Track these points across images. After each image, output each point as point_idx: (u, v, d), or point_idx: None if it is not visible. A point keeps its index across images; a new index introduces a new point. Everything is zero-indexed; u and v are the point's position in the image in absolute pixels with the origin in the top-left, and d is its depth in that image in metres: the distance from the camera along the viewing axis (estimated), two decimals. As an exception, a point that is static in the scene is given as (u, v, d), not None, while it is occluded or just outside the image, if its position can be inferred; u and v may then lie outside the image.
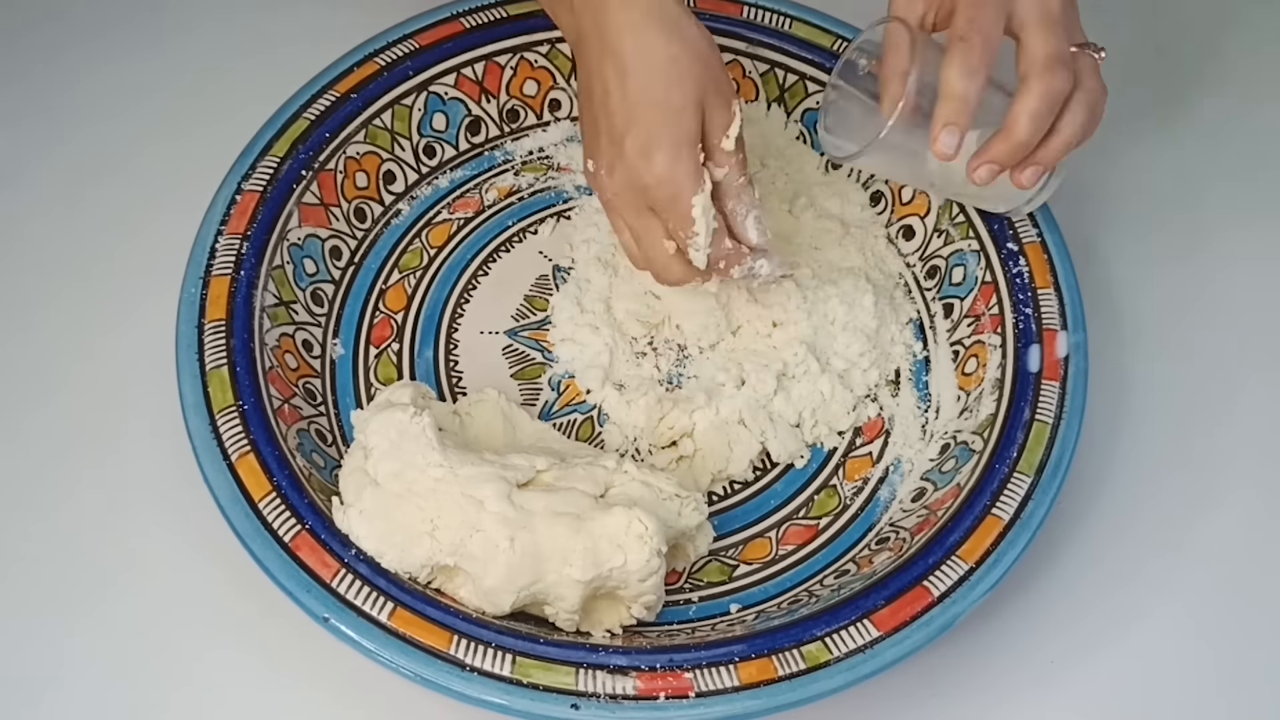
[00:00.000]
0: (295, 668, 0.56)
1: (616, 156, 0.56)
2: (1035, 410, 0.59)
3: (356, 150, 0.67)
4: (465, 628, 0.50)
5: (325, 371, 0.63)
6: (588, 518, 0.53)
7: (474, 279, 0.68)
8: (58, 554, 0.59)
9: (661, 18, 0.55)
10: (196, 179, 0.64)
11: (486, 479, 0.52)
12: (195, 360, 0.57)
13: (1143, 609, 0.60)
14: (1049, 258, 0.64)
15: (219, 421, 0.55)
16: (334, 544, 0.52)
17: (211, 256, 0.60)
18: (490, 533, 0.52)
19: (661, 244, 0.58)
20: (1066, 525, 0.62)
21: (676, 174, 0.56)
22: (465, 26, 0.71)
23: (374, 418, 0.54)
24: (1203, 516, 0.64)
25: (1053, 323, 0.62)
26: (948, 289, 0.67)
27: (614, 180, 0.57)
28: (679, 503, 0.56)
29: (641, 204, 0.57)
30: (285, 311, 0.62)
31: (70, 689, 0.55)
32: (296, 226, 0.64)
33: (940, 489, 0.59)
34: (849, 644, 0.51)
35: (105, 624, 0.57)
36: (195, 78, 0.78)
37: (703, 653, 0.50)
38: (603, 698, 0.48)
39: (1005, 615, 0.59)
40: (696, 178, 0.56)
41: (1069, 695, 0.58)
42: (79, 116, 0.76)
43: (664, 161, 0.56)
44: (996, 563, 0.54)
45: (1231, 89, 0.73)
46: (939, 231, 0.68)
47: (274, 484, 0.53)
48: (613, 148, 0.56)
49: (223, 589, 0.58)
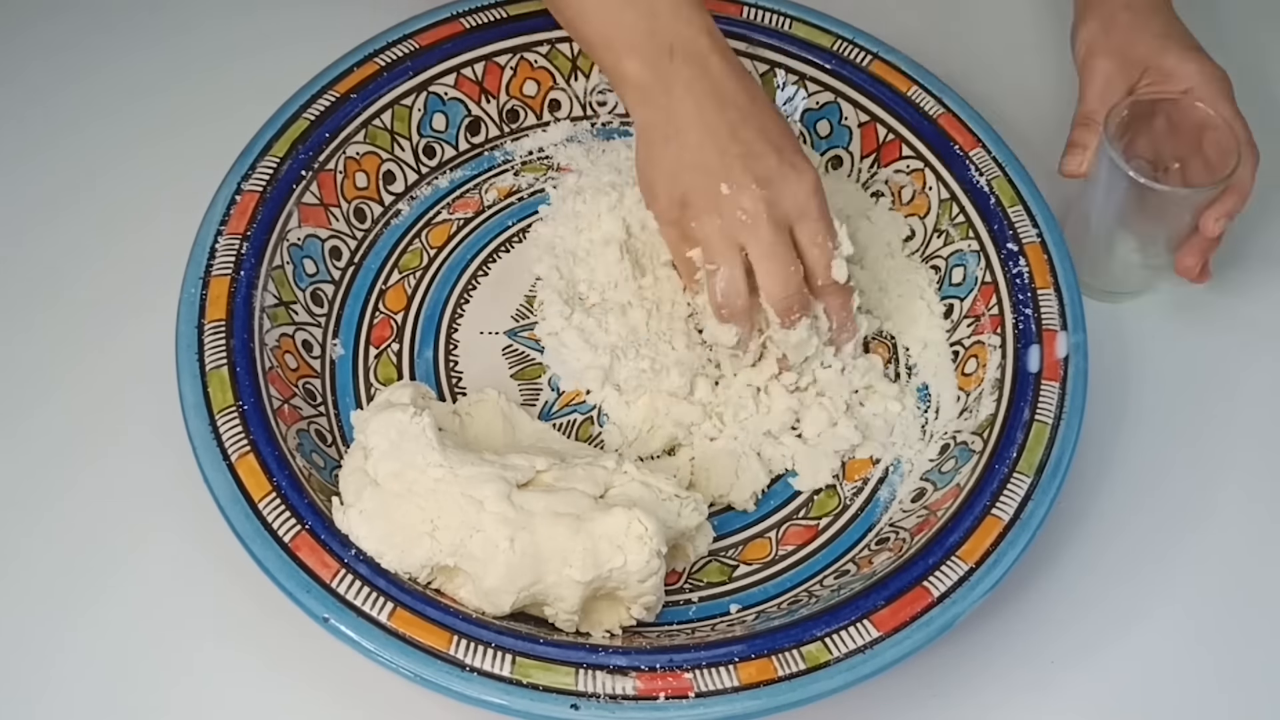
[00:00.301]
0: (295, 668, 0.56)
1: (772, 169, 0.57)
2: (1035, 410, 0.59)
3: (356, 150, 0.67)
4: (465, 628, 0.50)
5: (325, 372, 0.63)
6: (587, 518, 0.53)
7: (474, 279, 0.68)
8: (57, 553, 0.59)
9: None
10: (196, 179, 0.64)
11: (486, 479, 0.52)
12: (195, 360, 0.57)
13: (1143, 609, 0.60)
14: (1049, 258, 0.64)
15: (219, 422, 0.55)
16: (334, 544, 0.52)
17: (211, 257, 0.60)
18: (490, 533, 0.52)
19: (793, 265, 0.58)
20: (1066, 525, 0.62)
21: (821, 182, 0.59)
22: (465, 27, 0.71)
23: (374, 418, 0.54)
24: (1203, 516, 0.64)
25: (1052, 323, 0.62)
26: (948, 289, 0.67)
27: (764, 192, 0.57)
28: (679, 503, 0.56)
29: (781, 221, 0.58)
30: (285, 312, 0.62)
31: (69, 688, 0.55)
32: (296, 227, 0.64)
33: (940, 489, 0.59)
34: (849, 644, 0.51)
35: (104, 624, 0.57)
36: (195, 78, 0.78)
37: (702, 653, 0.50)
38: (602, 698, 0.48)
39: (1005, 615, 0.59)
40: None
41: (1069, 695, 0.58)
42: (79, 116, 0.76)
43: (811, 167, 0.59)
44: (996, 563, 0.54)
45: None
46: (939, 232, 0.68)
47: (274, 484, 0.53)
48: (764, 159, 0.57)
49: (222, 589, 0.58)
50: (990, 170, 0.67)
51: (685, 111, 0.58)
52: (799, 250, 0.59)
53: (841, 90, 0.72)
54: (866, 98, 0.71)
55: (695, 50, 0.58)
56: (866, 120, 0.71)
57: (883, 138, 0.71)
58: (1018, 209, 0.66)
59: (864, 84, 0.71)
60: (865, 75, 0.71)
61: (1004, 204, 0.66)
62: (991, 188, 0.67)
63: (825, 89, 0.72)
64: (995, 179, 0.67)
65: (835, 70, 0.72)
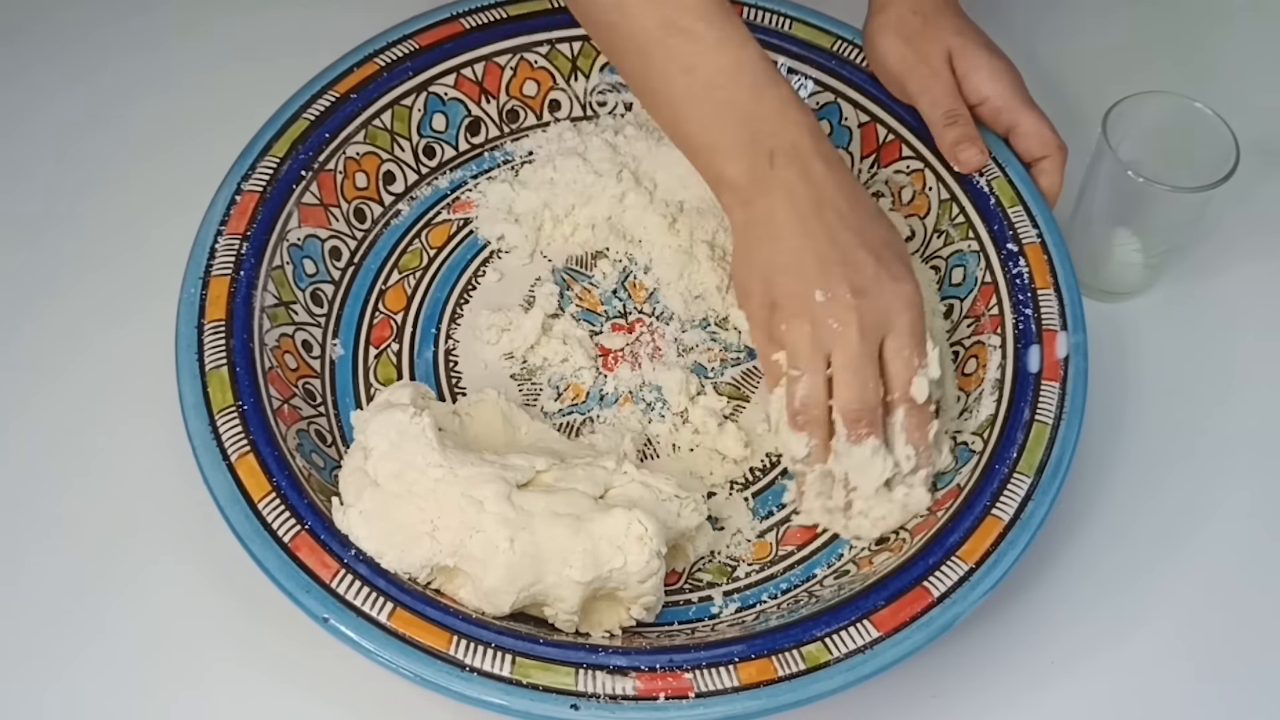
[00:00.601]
0: (294, 668, 0.56)
1: (869, 278, 0.56)
2: (1035, 411, 0.59)
3: (356, 151, 0.67)
4: (465, 628, 0.50)
5: (325, 372, 0.63)
6: (587, 519, 0.53)
7: (474, 279, 0.68)
8: (56, 553, 0.59)
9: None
10: (196, 179, 0.64)
11: (486, 479, 0.52)
12: (195, 360, 0.57)
13: (1143, 609, 0.60)
14: (1049, 258, 0.64)
15: (218, 422, 0.55)
16: (334, 544, 0.52)
17: (211, 257, 0.60)
18: (490, 533, 0.52)
19: (873, 380, 0.56)
20: (1066, 525, 0.62)
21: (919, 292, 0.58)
22: (465, 27, 0.71)
23: (374, 418, 0.54)
24: (1203, 517, 0.64)
25: (1052, 323, 0.62)
26: (948, 289, 0.67)
27: (858, 301, 0.56)
28: (678, 503, 0.56)
29: (872, 332, 0.56)
30: (285, 312, 0.62)
31: (68, 688, 0.55)
32: (296, 227, 0.64)
33: (940, 489, 0.59)
34: (849, 644, 0.51)
35: (103, 624, 0.57)
36: (195, 78, 0.78)
37: (702, 653, 0.50)
38: (602, 698, 0.48)
39: (1005, 615, 0.59)
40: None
41: (1069, 696, 0.58)
42: (78, 116, 0.76)
43: (911, 276, 0.58)
44: (996, 563, 0.54)
45: (1220, 90, 0.73)
46: (939, 232, 0.68)
47: (274, 484, 0.53)
48: (862, 268, 0.56)
49: (222, 589, 0.57)
50: (990, 170, 0.67)
51: (783, 214, 0.57)
52: (882, 362, 0.57)
53: (841, 90, 0.72)
54: (866, 98, 0.71)
55: (797, 153, 0.57)
56: (866, 120, 0.71)
57: (882, 138, 0.71)
58: (1017, 209, 0.66)
59: (864, 84, 0.71)
60: (865, 75, 0.71)
61: (1004, 204, 0.66)
62: (991, 188, 0.67)
63: (825, 89, 0.72)
64: (995, 179, 0.67)
65: (835, 70, 0.72)
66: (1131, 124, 0.67)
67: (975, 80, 0.66)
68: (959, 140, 0.66)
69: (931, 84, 0.67)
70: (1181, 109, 0.67)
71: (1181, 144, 0.67)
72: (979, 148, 0.66)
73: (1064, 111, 0.72)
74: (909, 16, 0.68)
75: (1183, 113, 0.67)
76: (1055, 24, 0.85)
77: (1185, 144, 0.67)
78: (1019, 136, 0.67)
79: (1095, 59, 0.83)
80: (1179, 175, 0.64)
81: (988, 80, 0.66)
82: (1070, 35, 0.84)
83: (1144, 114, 0.67)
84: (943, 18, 0.67)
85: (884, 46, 0.69)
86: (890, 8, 0.68)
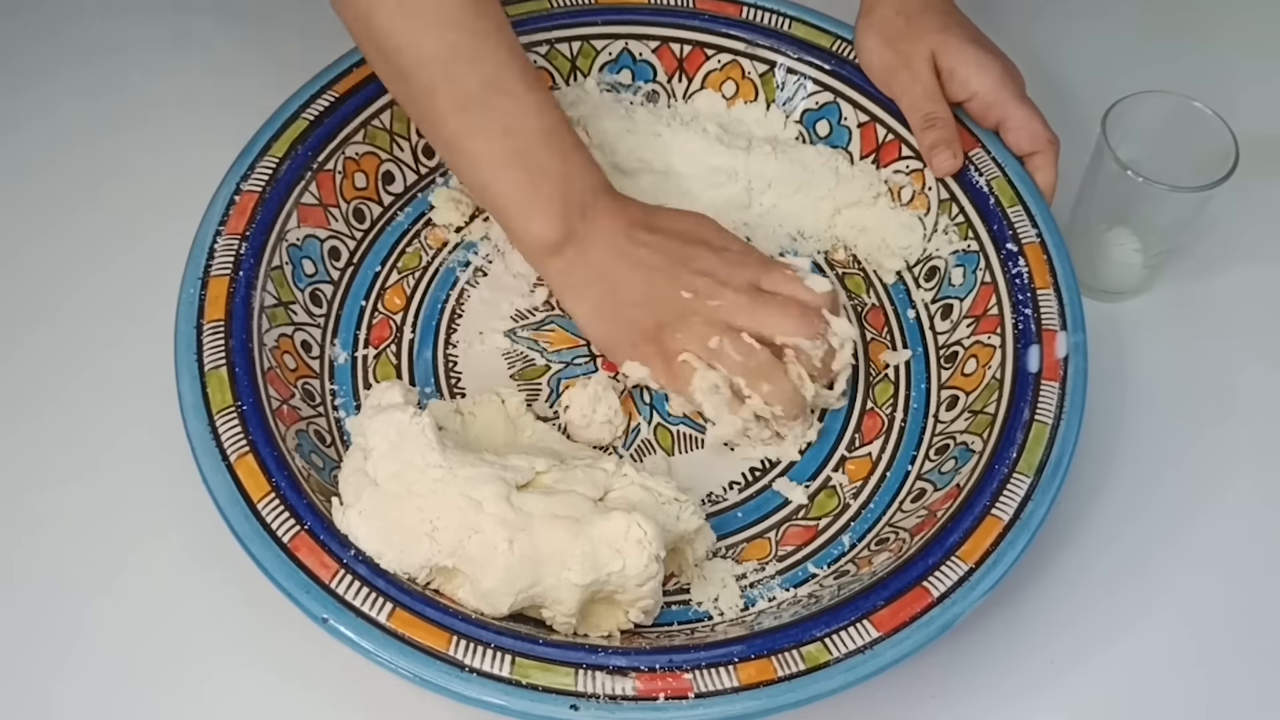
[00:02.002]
0: (294, 668, 0.56)
1: (710, 258, 0.61)
2: (1035, 410, 0.59)
3: (355, 151, 0.67)
4: (464, 628, 0.50)
5: (324, 372, 0.63)
6: (587, 521, 0.53)
7: (473, 279, 0.68)
8: (56, 553, 0.59)
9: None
10: (195, 179, 0.64)
11: (486, 480, 0.52)
12: (194, 361, 0.56)
13: (1143, 609, 0.60)
14: (1048, 258, 0.64)
15: (218, 422, 0.55)
16: (333, 544, 0.52)
17: (210, 257, 0.60)
18: (489, 535, 0.52)
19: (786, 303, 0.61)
20: (1066, 525, 0.62)
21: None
22: (464, 27, 0.71)
23: (374, 419, 0.54)
24: (1203, 516, 0.64)
25: (1052, 323, 0.62)
26: (947, 289, 0.67)
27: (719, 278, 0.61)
28: (678, 506, 0.56)
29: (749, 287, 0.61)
30: (284, 312, 0.62)
31: (67, 688, 0.55)
32: (295, 227, 0.64)
33: (940, 489, 0.59)
34: (849, 645, 0.51)
35: (102, 624, 0.57)
36: (195, 78, 0.78)
37: (702, 653, 0.50)
38: (602, 698, 0.48)
39: (1005, 615, 0.59)
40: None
41: (1069, 696, 0.58)
42: (78, 116, 0.76)
43: (730, 234, 0.65)
44: (996, 563, 0.54)
45: (1219, 89, 0.73)
46: (939, 232, 0.68)
47: (273, 484, 0.53)
48: (698, 256, 0.61)
49: (221, 590, 0.57)
50: (989, 170, 0.67)
51: (603, 257, 0.61)
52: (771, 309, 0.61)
53: (841, 90, 0.72)
54: (866, 98, 0.71)
55: (598, 204, 0.62)
56: (866, 120, 0.71)
57: (882, 138, 0.71)
58: (1017, 209, 0.66)
59: (864, 84, 0.71)
60: (865, 75, 0.71)
61: (1003, 204, 0.66)
62: (991, 187, 0.67)
63: (825, 89, 0.72)
64: (994, 179, 0.67)
65: (835, 70, 0.72)
66: (1131, 123, 0.67)
67: (961, 75, 0.66)
68: (934, 144, 0.67)
69: (912, 86, 0.67)
70: (1181, 108, 0.67)
71: (1181, 143, 0.67)
72: (953, 152, 0.67)
73: (1063, 111, 0.72)
74: (893, 17, 0.68)
75: (1182, 112, 0.67)
76: (1055, 24, 0.85)
77: (1185, 143, 0.67)
78: (1009, 131, 0.67)
79: (1095, 58, 0.83)
80: (1178, 175, 0.64)
81: (975, 74, 0.66)
82: (1070, 35, 0.84)
83: (1143, 113, 0.67)
84: (926, 16, 0.67)
85: (869, 49, 0.69)
86: (876, 9, 0.69)
